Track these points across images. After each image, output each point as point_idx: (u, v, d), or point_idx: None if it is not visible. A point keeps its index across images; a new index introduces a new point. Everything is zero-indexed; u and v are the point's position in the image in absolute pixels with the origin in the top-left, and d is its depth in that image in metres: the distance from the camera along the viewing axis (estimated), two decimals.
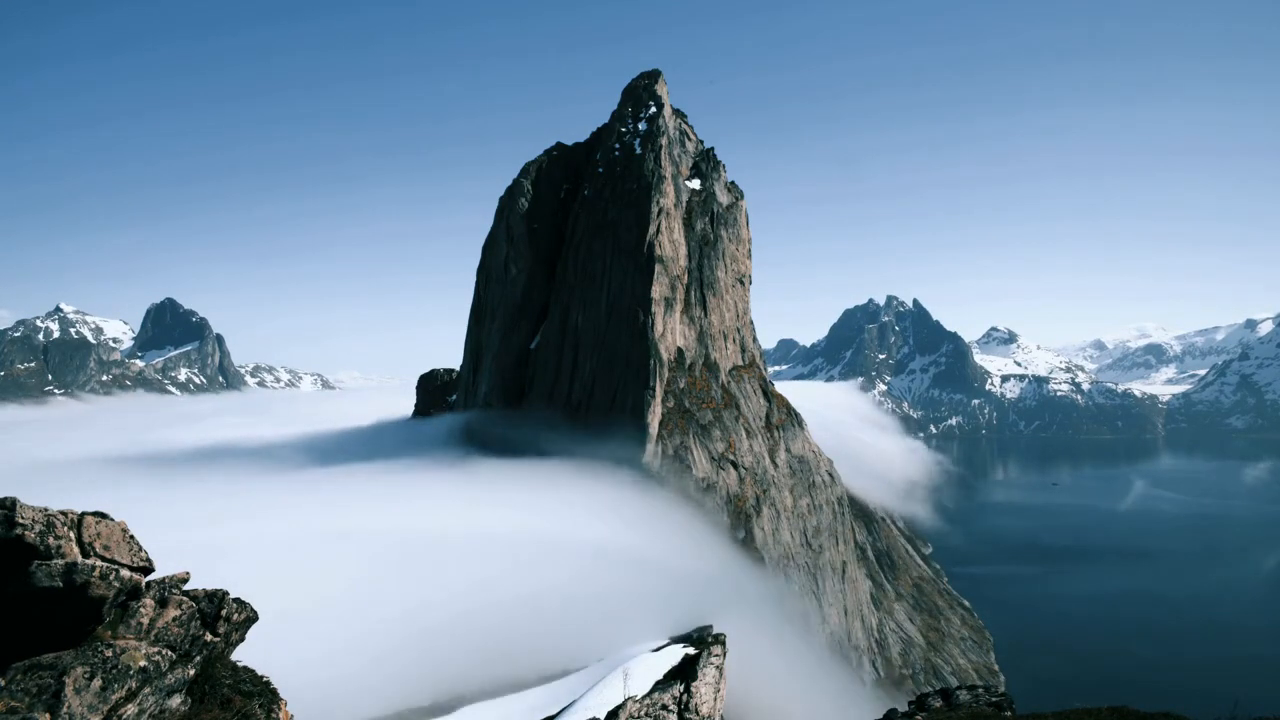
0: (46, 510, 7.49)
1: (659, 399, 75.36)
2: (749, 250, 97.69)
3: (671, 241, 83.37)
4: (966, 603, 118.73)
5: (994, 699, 19.69)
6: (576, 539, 60.00)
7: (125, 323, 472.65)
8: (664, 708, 14.24)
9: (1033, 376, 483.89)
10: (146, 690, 7.67)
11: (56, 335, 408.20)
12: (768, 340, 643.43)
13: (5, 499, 7.29)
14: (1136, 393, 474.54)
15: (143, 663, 7.69)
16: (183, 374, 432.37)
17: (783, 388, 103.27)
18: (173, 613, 8.38)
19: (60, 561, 7.30)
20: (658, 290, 78.98)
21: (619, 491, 67.21)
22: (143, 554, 8.27)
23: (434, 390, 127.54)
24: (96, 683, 7.13)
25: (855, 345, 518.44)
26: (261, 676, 9.63)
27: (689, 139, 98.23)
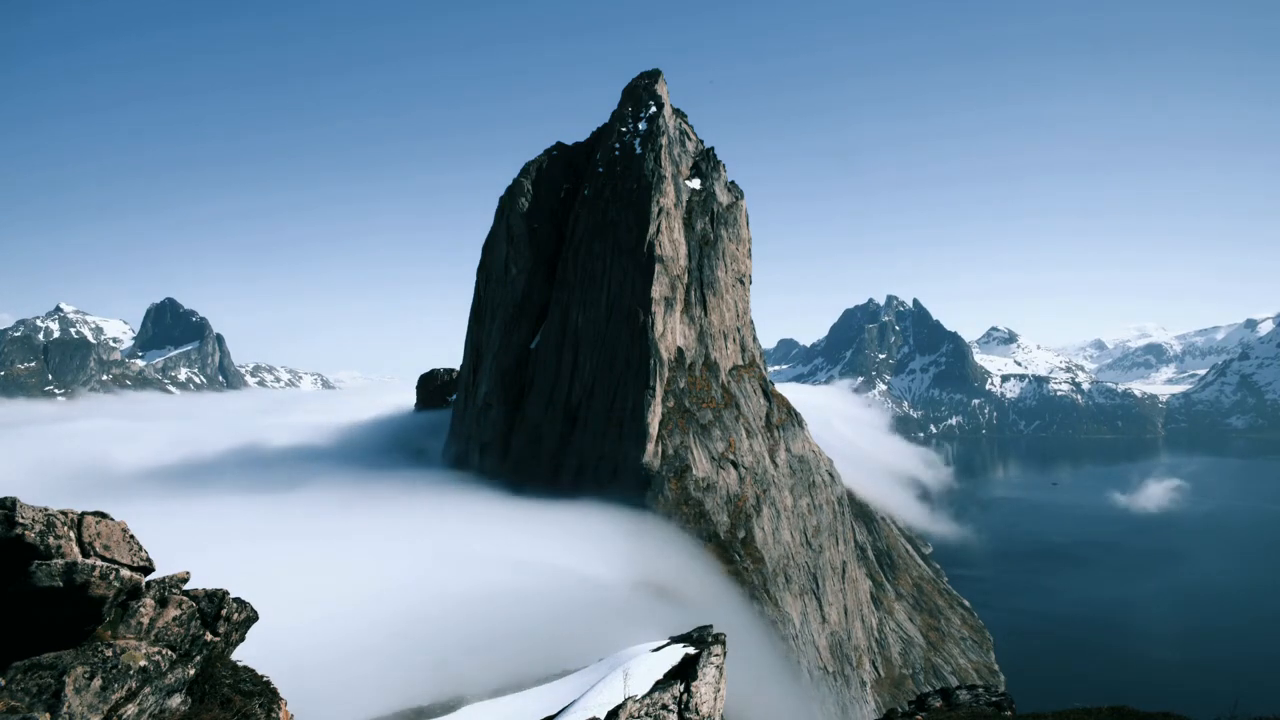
0: (46, 510, 7.49)
1: (659, 399, 75.36)
2: (749, 250, 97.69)
3: (671, 241, 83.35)
4: (966, 602, 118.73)
5: (994, 699, 19.70)
6: (578, 532, 60.10)
7: (125, 322, 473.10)
8: (664, 707, 14.24)
9: (1033, 376, 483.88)
10: (146, 690, 7.67)
11: (56, 335, 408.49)
12: (768, 340, 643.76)
13: (5, 499, 7.29)
14: (1136, 392, 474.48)
15: (143, 662, 7.69)
16: (183, 374, 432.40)
17: (782, 388, 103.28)
18: (173, 612, 8.37)
19: (60, 561, 7.30)
20: (658, 290, 78.97)
21: (610, 529, 66.40)
22: (143, 554, 8.27)
23: (434, 390, 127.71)
24: (96, 682, 7.13)
25: (855, 345, 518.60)
26: (261, 676, 9.62)
27: (689, 139, 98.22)
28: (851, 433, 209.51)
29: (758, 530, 73.68)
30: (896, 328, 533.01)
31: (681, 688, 15.03)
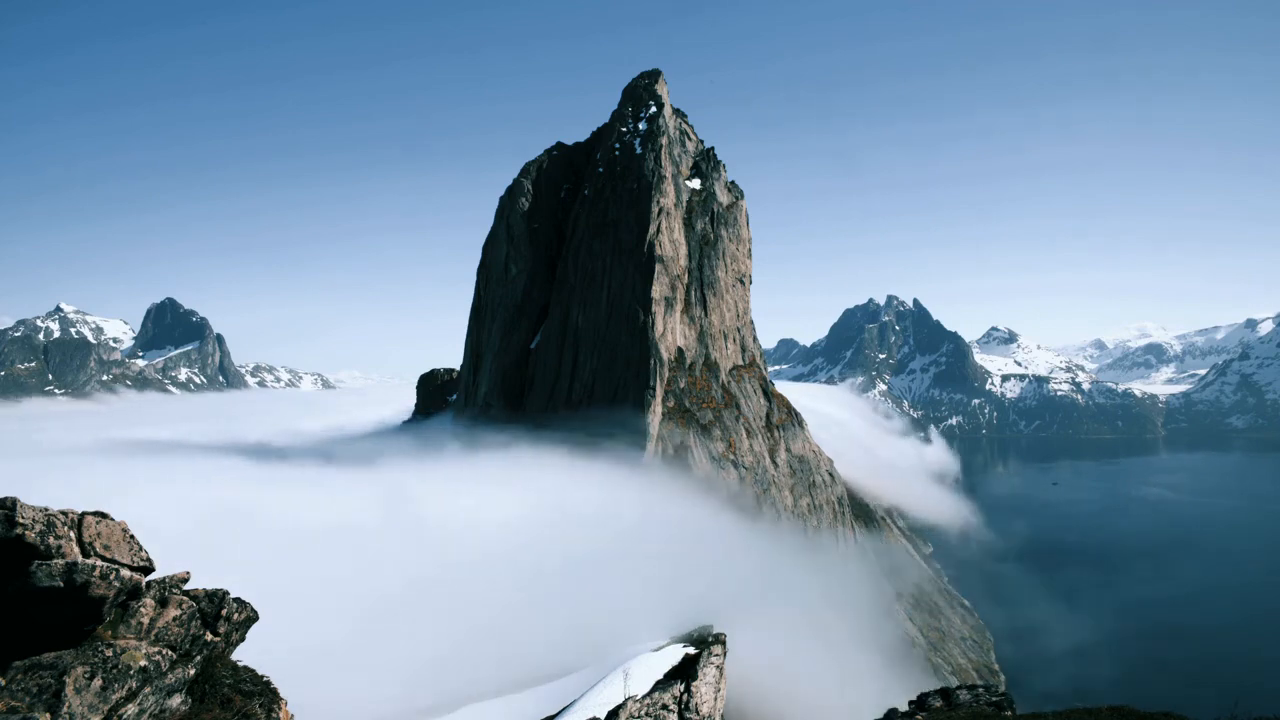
0: (47, 510, 7.49)
1: (659, 399, 75.34)
2: (749, 250, 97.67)
3: (671, 241, 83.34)
4: (966, 602, 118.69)
5: (994, 699, 19.67)
6: (579, 531, 60.03)
7: (125, 322, 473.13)
8: (664, 707, 14.23)
9: (1033, 376, 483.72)
10: (147, 690, 7.67)
11: (57, 335, 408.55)
12: (768, 340, 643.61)
13: (6, 499, 7.28)
14: (1137, 392, 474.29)
15: (143, 662, 7.69)
16: (183, 374, 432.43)
17: (782, 387, 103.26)
18: (173, 612, 8.37)
19: (61, 561, 7.30)
20: (658, 290, 78.96)
21: (623, 479, 67.09)
22: (143, 553, 8.27)
23: (434, 390, 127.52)
24: (97, 682, 7.13)
25: (855, 345, 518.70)
26: (262, 676, 9.62)
27: (689, 139, 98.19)
28: (851, 433, 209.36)
29: None
30: (896, 328, 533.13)
31: (682, 687, 15.02)
